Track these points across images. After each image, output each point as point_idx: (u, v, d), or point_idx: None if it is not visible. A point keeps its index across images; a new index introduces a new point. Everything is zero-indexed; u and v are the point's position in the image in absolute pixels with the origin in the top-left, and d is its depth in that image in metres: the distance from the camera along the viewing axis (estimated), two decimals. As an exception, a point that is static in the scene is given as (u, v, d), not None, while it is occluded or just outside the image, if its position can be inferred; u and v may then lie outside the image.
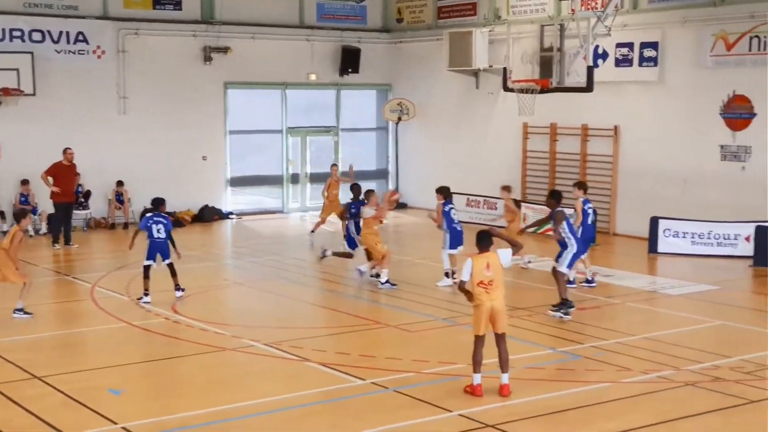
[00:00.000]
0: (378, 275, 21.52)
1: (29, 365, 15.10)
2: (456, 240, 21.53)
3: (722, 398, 13.49)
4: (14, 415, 12.87)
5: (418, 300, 20.04)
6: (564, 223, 18.77)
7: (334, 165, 29.80)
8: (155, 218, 19.86)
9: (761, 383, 14.12)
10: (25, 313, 18.39)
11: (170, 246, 19.87)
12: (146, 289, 19.64)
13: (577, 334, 17.09)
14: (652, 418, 12.65)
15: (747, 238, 24.24)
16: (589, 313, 18.92)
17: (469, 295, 13.65)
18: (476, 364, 13.60)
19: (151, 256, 19.72)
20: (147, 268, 19.73)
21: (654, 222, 25.51)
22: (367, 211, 21.63)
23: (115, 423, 12.45)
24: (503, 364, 13.65)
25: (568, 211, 23.15)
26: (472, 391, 13.57)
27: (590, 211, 21.30)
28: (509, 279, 21.79)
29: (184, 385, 14.52)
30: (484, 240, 13.89)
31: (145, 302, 19.50)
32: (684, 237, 25.21)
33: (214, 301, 20.63)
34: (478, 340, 13.65)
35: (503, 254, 13.95)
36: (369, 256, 21.99)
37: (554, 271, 18.76)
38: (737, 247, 24.56)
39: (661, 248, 25.37)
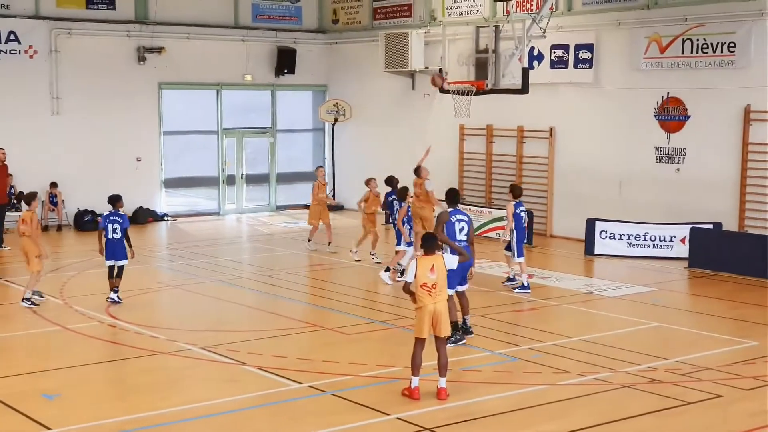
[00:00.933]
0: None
1: (-40, 370, 14.85)
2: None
3: (659, 400, 13.54)
4: (-56, 422, 12.63)
5: (354, 303, 19.99)
6: (443, 227, 16.37)
7: (320, 167, 28.11)
8: (111, 217, 19.60)
9: (697, 385, 14.19)
10: (33, 303, 19.28)
11: (125, 245, 19.65)
12: (112, 288, 19.67)
13: (515, 336, 17.12)
14: (590, 420, 12.68)
15: (682, 240, 24.43)
16: (526, 315, 19.00)
17: (413, 296, 13.61)
18: (415, 368, 13.53)
19: (108, 256, 19.62)
20: (110, 269, 19.68)
21: (590, 224, 25.64)
22: (429, 184, 22.60)
23: (49, 428, 12.27)
24: (441, 368, 13.60)
25: (502, 213, 23.29)
26: (410, 394, 13.49)
27: (523, 214, 21.26)
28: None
29: (119, 389, 14.36)
30: (430, 242, 13.86)
31: (111, 300, 19.53)
32: (620, 239, 25.34)
33: (149, 304, 20.41)
34: (419, 343, 13.60)
35: (449, 258, 14.00)
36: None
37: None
38: (673, 249, 24.74)
39: (597, 250, 25.47)
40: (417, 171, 23.32)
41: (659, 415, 12.96)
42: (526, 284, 20.89)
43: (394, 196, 22.54)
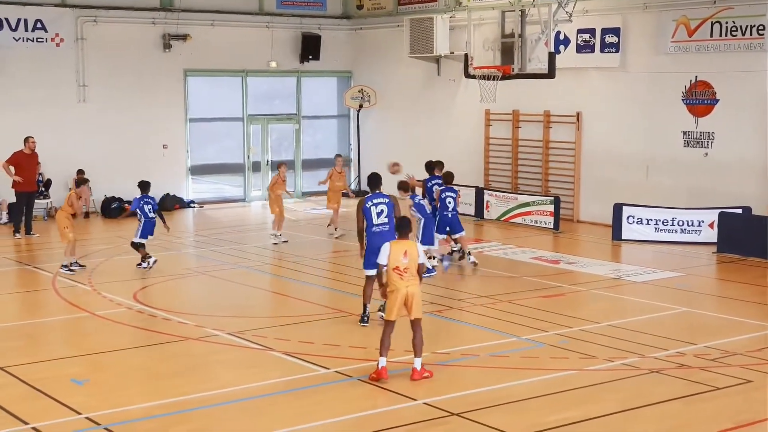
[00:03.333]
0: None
1: (-9, 356, 14.97)
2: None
3: (687, 385, 13.47)
4: (-24, 406, 12.75)
5: (381, 288, 19.93)
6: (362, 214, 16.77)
7: (339, 156, 28.79)
8: (145, 199, 21.32)
9: (726, 370, 14.11)
10: (69, 269, 21.17)
11: (160, 221, 21.82)
12: (145, 255, 21.49)
13: (542, 322, 17.03)
14: (617, 405, 12.63)
15: (711, 225, 24.26)
16: (554, 300, 18.90)
17: (381, 279, 14.04)
18: (383, 348, 13.74)
19: (145, 234, 21.52)
20: (143, 246, 21.57)
21: (617, 209, 25.48)
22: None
23: (79, 413, 12.33)
24: (416, 349, 13.87)
25: (528, 199, 23.15)
26: (378, 375, 13.65)
27: (450, 200, 21.67)
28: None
29: (147, 374, 14.37)
30: (404, 227, 14.10)
31: (144, 267, 21.37)
32: (648, 224, 25.19)
33: (176, 290, 20.49)
34: (388, 325, 13.83)
35: (422, 247, 14.34)
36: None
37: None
38: (701, 233, 24.56)
39: (624, 235, 25.31)
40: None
41: (688, 401, 12.90)
42: (429, 267, 20.64)
43: (436, 181, 22.50)
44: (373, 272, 16.10)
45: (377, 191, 16.80)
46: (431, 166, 22.95)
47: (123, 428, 11.87)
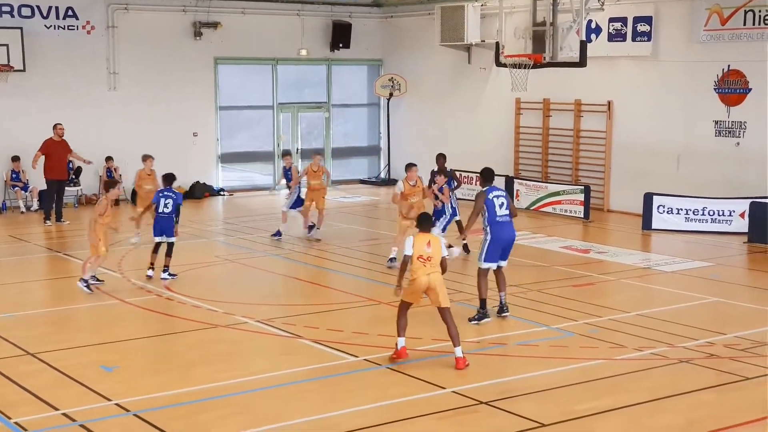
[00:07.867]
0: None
1: (22, 342, 15.06)
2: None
3: (717, 375, 13.42)
4: (8, 391, 12.85)
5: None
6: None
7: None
8: (165, 192, 19.84)
9: (757, 360, 14.03)
10: (87, 286, 18.62)
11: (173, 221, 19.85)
12: (152, 263, 19.79)
13: (571, 311, 16.99)
14: (647, 394, 12.58)
15: (742, 215, 24.13)
16: (583, 290, 18.84)
17: (402, 271, 14.11)
18: (400, 329, 13.99)
19: (157, 232, 19.79)
20: (156, 244, 19.87)
21: (648, 198, 25.38)
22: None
23: (109, 399, 12.40)
24: (453, 339, 13.87)
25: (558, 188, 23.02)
26: (398, 355, 13.89)
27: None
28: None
29: (177, 362, 14.44)
30: (425, 221, 14.33)
31: (148, 275, 19.67)
32: (678, 213, 25.08)
33: (206, 277, 20.51)
34: (403, 306, 14.03)
35: (443, 241, 14.44)
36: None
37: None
38: (732, 223, 24.44)
39: (655, 225, 25.21)
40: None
41: (717, 390, 12.85)
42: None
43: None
44: (494, 265, 16.34)
45: (492, 185, 16.59)
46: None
47: (152, 415, 11.92)
